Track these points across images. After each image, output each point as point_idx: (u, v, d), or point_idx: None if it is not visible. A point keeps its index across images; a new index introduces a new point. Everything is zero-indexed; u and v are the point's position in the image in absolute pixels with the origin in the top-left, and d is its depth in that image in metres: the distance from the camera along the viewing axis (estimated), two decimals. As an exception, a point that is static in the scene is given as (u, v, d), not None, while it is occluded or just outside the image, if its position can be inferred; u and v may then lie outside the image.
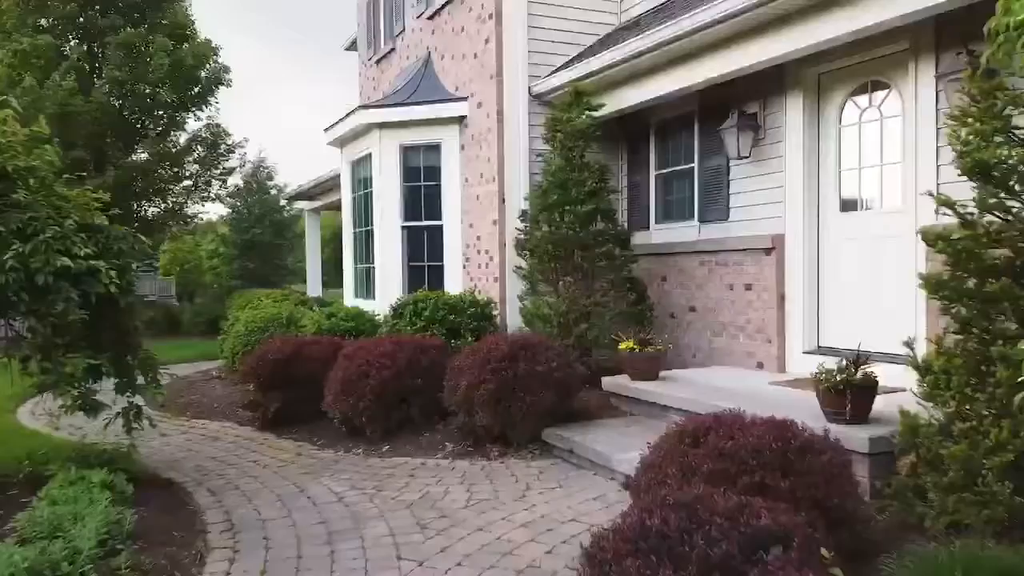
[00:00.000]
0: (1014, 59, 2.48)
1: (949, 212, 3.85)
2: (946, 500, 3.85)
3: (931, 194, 4.13)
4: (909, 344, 4.25)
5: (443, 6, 9.60)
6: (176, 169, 17.46)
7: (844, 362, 4.73)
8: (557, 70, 8.33)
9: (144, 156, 17.19)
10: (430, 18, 10.05)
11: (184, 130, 17.63)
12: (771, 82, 6.78)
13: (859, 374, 4.67)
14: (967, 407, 3.85)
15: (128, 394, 5.25)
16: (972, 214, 3.97)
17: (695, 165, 7.83)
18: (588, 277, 7.50)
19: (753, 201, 7.11)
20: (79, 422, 7.56)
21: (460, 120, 9.18)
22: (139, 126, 17.17)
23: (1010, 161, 3.70)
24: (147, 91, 16.38)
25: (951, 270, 3.96)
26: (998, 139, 3.82)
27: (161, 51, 15.75)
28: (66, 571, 3.58)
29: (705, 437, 3.80)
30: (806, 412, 4.76)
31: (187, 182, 17.88)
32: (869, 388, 4.65)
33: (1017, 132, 3.80)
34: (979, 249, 3.76)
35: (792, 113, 6.69)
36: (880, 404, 4.75)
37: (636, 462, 4.04)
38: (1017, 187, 3.77)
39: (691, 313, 7.86)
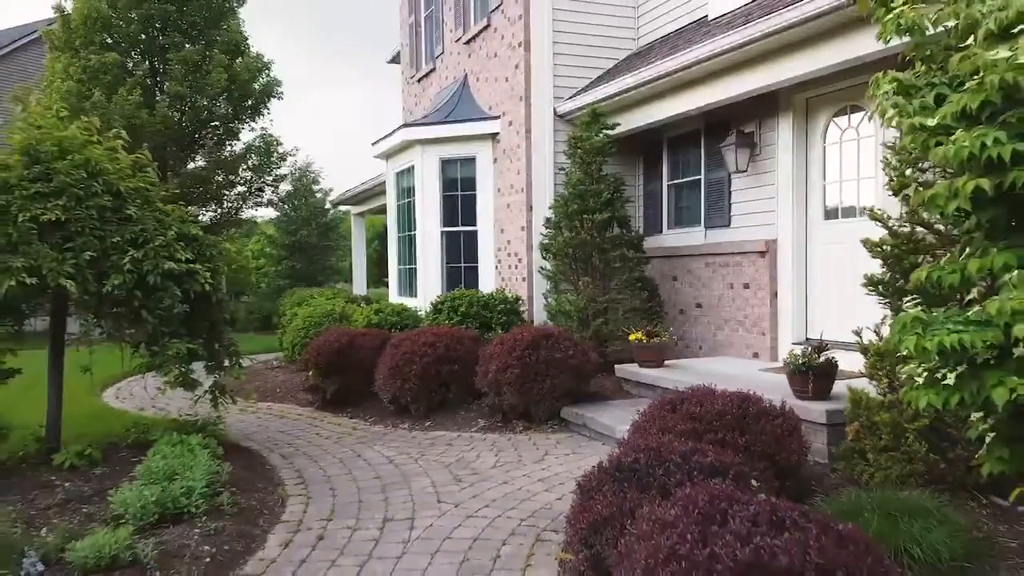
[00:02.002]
0: (884, 117, 3.39)
1: (880, 224, 4.76)
2: (880, 458, 4.75)
3: (867, 209, 5.01)
4: (857, 332, 5.17)
5: (478, 33, 10.63)
6: (231, 176, 18.71)
7: (809, 349, 5.65)
8: (578, 93, 9.30)
9: (201, 164, 18.49)
10: (467, 43, 11.10)
11: (238, 139, 18.87)
12: (766, 105, 7.66)
13: (821, 359, 5.58)
14: (896, 382, 4.75)
15: (217, 374, 6.36)
16: (905, 226, 4.88)
17: (702, 177, 8.74)
18: (604, 277, 8.46)
19: (750, 209, 8.00)
20: (161, 403, 8.78)
21: (493, 136, 10.20)
22: (196, 136, 18.44)
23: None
24: (205, 104, 17.68)
25: (885, 271, 4.87)
26: (924, 164, 4.72)
27: (219, 67, 16.97)
28: (183, 504, 4.68)
29: (681, 405, 4.76)
30: (782, 391, 5.70)
31: (241, 188, 19.12)
32: (828, 371, 5.56)
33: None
34: (903, 255, 4.66)
35: (783, 132, 7.57)
36: (846, 385, 5.63)
37: (631, 428, 5.01)
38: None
39: (697, 309, 8.78)
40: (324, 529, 4.64)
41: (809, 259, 7.50)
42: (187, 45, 17.43)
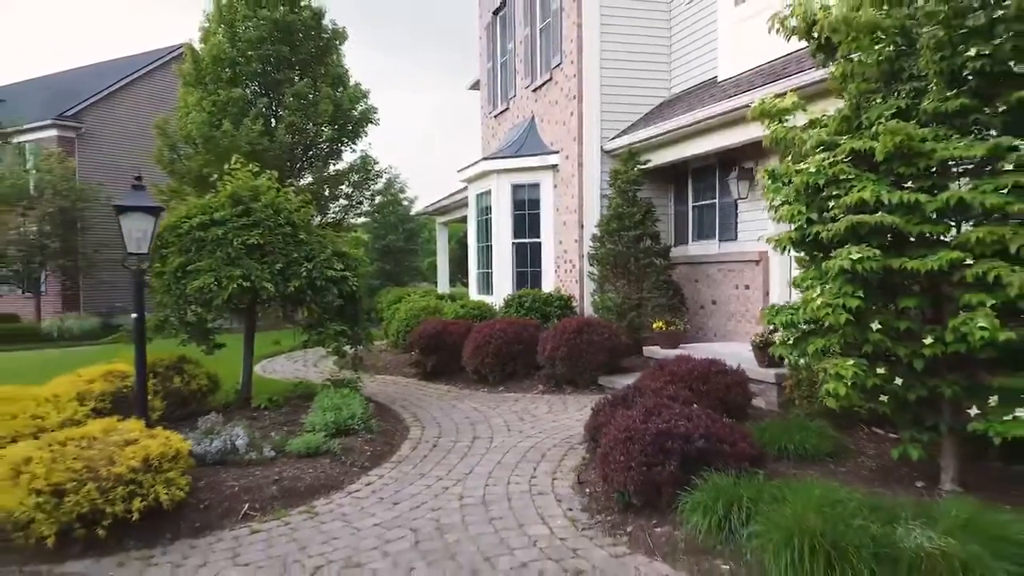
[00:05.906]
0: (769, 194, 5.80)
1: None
2: (802, 403, 7.14)
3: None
4: (793, 320, 7.54)
5: (543, 84, 13.22)
6: (335, 190, 21.77)
7: (767, 331, 8.04)
8: (619, 134, 11.79)
9: (309, 180, 21.59)
10: (534, 90, 13.70)
11: (341, 159, 21.91)
12: (761, 148, 9.97)
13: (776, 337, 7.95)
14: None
15: (355, 348, 9.12)
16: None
17: (716, 200, 11.11)
18: (638, 280, 10.94)
19: (750, 228, 10.35)
20: (300, 374, 11.59)
21: (554, 167, 12.77)
22: (304, 157, 21.53)
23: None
24: (312, 129, 20.73)
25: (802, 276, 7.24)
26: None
27: (326, 99, 20.00)
28: (349, 424, 7.39)
29: (667, 366, 7.26)
30: (754, 362, 8.11)
31: (343, 201, 22.19)
32: (780, 346, 7.92)
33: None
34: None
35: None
36: (793, 357, 8.00)
37: (636, 382, 7.53)
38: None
39: (713, 305, 11.17)
40: (436, 442, 7.32)
41: (792, 266, 9.81)
42: (297, 79, 20.50)
